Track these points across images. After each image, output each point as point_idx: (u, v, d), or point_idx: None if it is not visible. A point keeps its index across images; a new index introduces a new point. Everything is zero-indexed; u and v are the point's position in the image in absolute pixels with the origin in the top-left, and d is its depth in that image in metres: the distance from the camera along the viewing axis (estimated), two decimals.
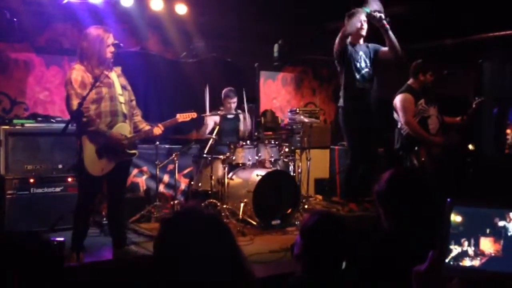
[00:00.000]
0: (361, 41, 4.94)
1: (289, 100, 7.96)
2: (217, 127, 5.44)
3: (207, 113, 5.29)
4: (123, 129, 3.76)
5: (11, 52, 5.66)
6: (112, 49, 3.69)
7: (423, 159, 4.70)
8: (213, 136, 5.29)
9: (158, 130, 3.99)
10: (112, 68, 3.79)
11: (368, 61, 4.93)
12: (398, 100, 4.80)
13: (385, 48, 4.88)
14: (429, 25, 6.44)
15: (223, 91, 5.83)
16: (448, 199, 1.15)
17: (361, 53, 4.90)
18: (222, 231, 1.34)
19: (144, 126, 4.00)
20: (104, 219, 4.72)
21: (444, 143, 4.77)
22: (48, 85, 5.89)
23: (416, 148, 4.72)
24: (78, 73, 3.61)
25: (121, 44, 3.84)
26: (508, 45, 6.32)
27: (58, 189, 4.56)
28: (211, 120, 5.69)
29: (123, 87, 3.82)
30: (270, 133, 6.30)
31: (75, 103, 3.53)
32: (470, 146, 5.68)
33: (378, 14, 4.57)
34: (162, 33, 6.57)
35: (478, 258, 1.13)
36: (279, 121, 7.03)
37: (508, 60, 6.36)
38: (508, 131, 6.03)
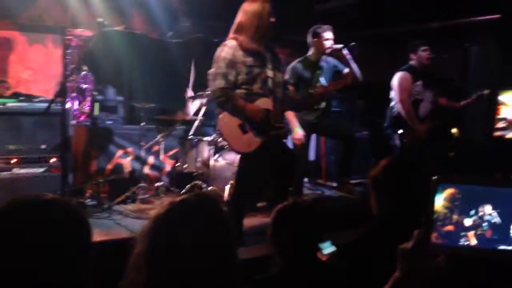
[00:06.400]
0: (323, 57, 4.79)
1: None
2: (204, 107, 5.39)
3: (191, 92, 5.25)
4: (264, 103, 3.52)
5: None
6: (271, 21, 3.47)
7: (405, 140, 4.73)
8: (200, 117, 5.26)
9: (321, 88, 3.78)
10: (270, 46, 3.58)
11: (324, 80, 4.73)
12: (395, 78, 4.79)
13: (346, 71, 4.67)
14: (416, 8, 6.42)
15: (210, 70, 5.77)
16: (433, 177, 1.14)
17: (318, 71, 4.76)
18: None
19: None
20: (88, 200, 4.70)
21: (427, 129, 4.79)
22: (31, 64, 5.77)
23: (401, 129, 4.74)
24: (229, 50, 3.42)
25: (106, 22, 3.76)
26: (494, 29, 6.33)
27: (41, 170, 4.47)
28: (197, 101, 5.63)
29: (276, 68, 3.60)
30: None
31: (218, 82, 3.40)
32: (454, 130, 5.73)
33: (338, 46, 4.44)
34: (147, 12, 6.46)
35: (463, 236, 1.14)
36: None
37: (494, 45, 6.38)
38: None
